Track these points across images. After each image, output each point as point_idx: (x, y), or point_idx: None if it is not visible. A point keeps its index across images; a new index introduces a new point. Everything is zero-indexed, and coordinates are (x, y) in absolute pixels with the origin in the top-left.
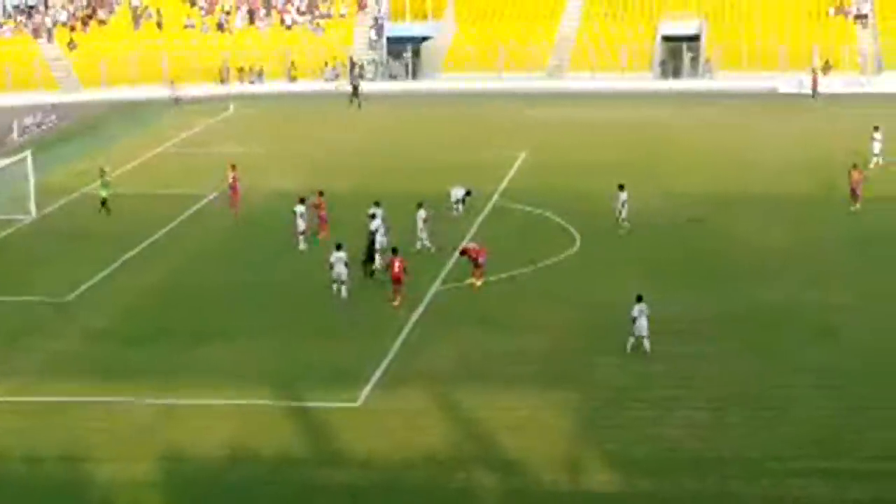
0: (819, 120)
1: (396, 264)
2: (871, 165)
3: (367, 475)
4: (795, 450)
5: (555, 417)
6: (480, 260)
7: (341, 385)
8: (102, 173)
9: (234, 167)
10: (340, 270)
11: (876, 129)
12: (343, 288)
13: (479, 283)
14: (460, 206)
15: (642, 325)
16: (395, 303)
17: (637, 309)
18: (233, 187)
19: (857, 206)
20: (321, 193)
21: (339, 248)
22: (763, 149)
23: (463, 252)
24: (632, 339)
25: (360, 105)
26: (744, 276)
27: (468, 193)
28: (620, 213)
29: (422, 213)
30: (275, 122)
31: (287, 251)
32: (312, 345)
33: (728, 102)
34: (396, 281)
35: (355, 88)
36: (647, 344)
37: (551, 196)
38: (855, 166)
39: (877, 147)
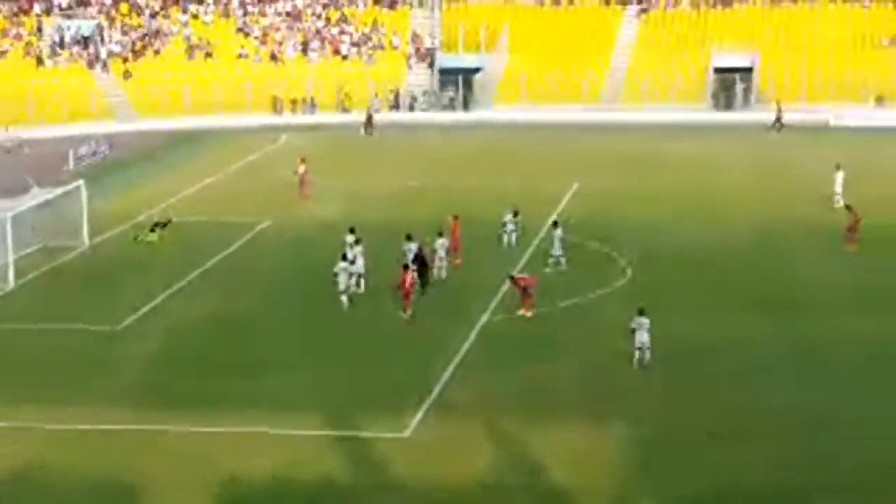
0: (875, 153)
1: (408, 279)
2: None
3: None
4: (854, 485)
5: (607, 449)
6: (530, 290)
7: (389, 415)
8: (136, 235)
9: (303, 160)
10: (343, 279)
11: (838, 167)
12: (344, 297)
13: (529, 313)
14: (510, 228)
15: (641, 338)
16: (406, 312)
17: (636, 321)
18: (302, 180)
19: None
20: (456, 217)
21: (344, 258)
22: (808, 182)
23: (512, 280)
24: (637, 354)
25: (371, 133)
26: (787, 306)
27: (516, 214)
28: (554, 250)
29: (441, 241)
30: (326, 152)
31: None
32: (361, 373)
33: (779, 136)
34: (406, 295)
35: (369, 118)
36: (647, 355)
37: (603, 227)
38: (848, 207)
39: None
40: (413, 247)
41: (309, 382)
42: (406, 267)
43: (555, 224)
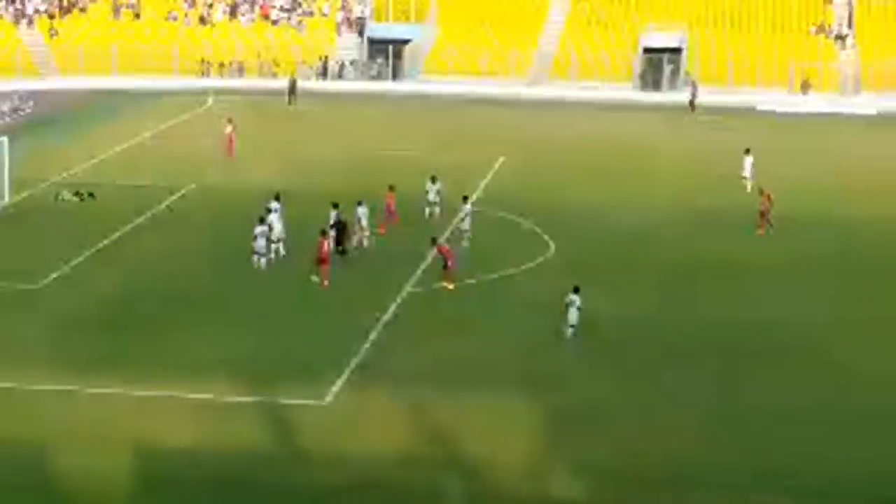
0: (798, 139)
1: (325, 245)
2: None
3: (331, 474)
4: (763, 466)
5: (524, 422)
6: (450, 263)
7: (309, 382)
8: (57, 196)
9: (230, 120)
10: (262, 244)
11: (747, 151)
12: (262, 260)
13: (451, 286)
14: (431, 198)
15: (571, 314)
16: (324, 283)
17: (569, 298)
18: (230, 138)
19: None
20: (392, 188)
21: (262, 221)
22: (728, 164)
23: (437, 246)
24: (564, 329)
25: (294, 102)
26: (703, 286)
27: (434, 180)
28: (463, 224)
29: (363, 210)
30: (253, 117)
31: None
32: (282, 341)
33: (704, 118)
34: (322, 261)
35: (293, 86)
36: (570, 332)
37: (527, 202)
38: (761, 191)
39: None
40: (335, 214)
41: (228, 347)
42: (323, 233)
43: (464, 199)
